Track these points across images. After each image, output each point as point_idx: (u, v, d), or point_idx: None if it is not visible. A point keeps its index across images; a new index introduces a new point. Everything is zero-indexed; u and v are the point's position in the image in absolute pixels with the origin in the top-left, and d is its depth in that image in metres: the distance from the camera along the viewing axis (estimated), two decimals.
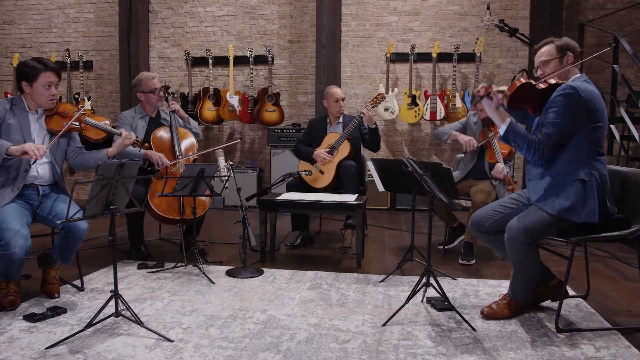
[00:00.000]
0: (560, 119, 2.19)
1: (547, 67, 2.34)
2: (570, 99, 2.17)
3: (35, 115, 2.62)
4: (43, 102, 2.58)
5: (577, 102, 2.17)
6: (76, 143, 2.80)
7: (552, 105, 2.23)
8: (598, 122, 2.23)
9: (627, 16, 5.47)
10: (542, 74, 2.36)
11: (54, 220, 2.48)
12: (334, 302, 2.59)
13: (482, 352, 2.02)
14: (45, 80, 2.53)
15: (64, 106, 2.70)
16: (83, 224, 2.45)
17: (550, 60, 2.33)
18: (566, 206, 2.21)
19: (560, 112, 2.19)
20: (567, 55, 2.30)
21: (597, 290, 2.80)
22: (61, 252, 2.53)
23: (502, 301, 2.44)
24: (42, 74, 2.52)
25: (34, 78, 2.52)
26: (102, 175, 2.03)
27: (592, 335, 2.20)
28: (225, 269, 3.18)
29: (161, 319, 2.34)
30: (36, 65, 2.53)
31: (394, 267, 3.26)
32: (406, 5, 5.90)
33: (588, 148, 2.23)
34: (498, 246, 2.53)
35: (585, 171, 2.23)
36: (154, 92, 3.48)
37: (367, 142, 3.91)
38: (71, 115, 2.66)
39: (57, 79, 2.59)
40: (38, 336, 2.12)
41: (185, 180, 2.98)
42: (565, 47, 2.31)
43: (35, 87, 2.54)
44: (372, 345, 2.07)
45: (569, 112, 2.18)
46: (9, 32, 6.68)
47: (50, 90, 2.56)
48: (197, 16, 6.28)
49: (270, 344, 2.07)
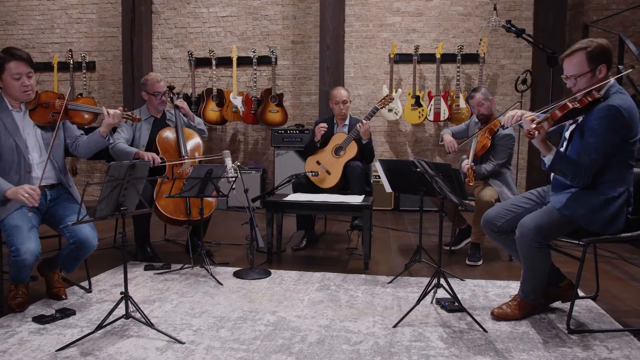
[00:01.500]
0: (604, 143, 2.10)
1: (578, 82, 2.19)
2: (613, 119, 2.07)
3: (20, 112, 2.47)
4: (17, 95, 2.40)
5: (620, 123, 2.08)
6: (73, 132, 2.66)
7: (595, 127, 2.11)
8: (635, 137, 2.17)
9: (630, 17, 5.47)
10: (573, 85, 2.22)
11: (64, 231, 2.42)
12: (344, 304, 2.58)
13: (495, 354, 2.01)
14: (13, 71, 2.34)
15: (45, 95, 2.51)
16: (94, 240, 2.41)
17: (582, 75, 2.16)
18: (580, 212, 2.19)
19: (603, 135, 2.09)
20: (600, 68, 2.14)
21: (606, 291, 2.80)
22: (67, 262, 2.51)
23: (513, 302, 2.43)
24: (7, 64, 2.34)
25: (0, 70, 2.35)
26: (113, 176, 2.02)
27: (604, 336, 2.19)
28: (232, 270, 3.18)
29: (171, 320, 2.33)
30: (1, 56, 2.35)
31: (400, 268, 3.25)
32: (410, 6, 5.89)
33: (621, 162, 2.17)
34: (510, 246, 2.52)
35: (618, 189, 2.18)
36: (156, 95, 3.46)
37: (361, 153, 3.84)
38: (53, 104, 2.49)
39: (27, 69, 2.38)
40: (48, 338, 2.11)
41: (192, 181, 2.97)
42: (598, 56, 2.13)
43: (4, 80, 2.36)
44: (384, 347, 2.06)
45: (612, 133, 2.09)
46: (12, 33, 6.67)
47: (22, 81, 2.37)
48: (200, 17, 6.27)
49: (282, 346, 2.06)
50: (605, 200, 2.18)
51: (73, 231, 2.37)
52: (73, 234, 2.37)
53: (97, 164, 6.63)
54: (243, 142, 6.37)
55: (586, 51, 2.14)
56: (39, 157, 2.50)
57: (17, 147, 2.43)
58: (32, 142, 2.49)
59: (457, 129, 3.83)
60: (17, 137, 2.44)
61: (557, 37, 5.25)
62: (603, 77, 2.17)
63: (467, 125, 3.79)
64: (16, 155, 2.43)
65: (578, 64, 2.16)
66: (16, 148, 2.43)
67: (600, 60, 2.14)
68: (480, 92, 3.50)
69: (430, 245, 3.91)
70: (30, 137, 2.50)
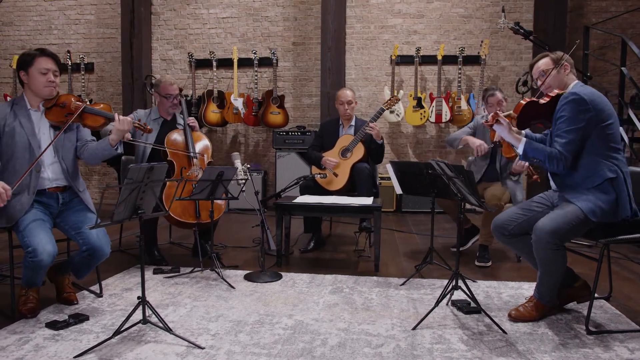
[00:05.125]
0: (572, 125, 2.26)
1: (545, 77, 2.43)
2: (576, 103, 2.26)
3: (38, 112, 2.49)
4: (39, 89, 2.43)
5: (583, 105, 2.25)
6: (85, 136, 2.65)
7: (561, 114, 2.31)
8: (608, 120, 2.29)
9: (629, 19, 5.53)
10: (541, 84, 2.46)
11: (77, 238, 2.39)
12: (359, 307, 2.56)
13: (517, 355, 2.01)
14: (42, 66, 2.40)
15: (65, 97, 2.52)
16: (107, 247, 2.39)
17: (548, 70, 2.42)
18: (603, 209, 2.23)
19: (570, 119, 2.27)
20: (564, 64, 2.40)
21: (617, 291, 2.81)
22: (78, 269, 2.47)
23: (529, 303, 2.43)
24: (37, 59, 2.40)
25: (29, 64, 2.40)
26: (132, 179, 1.99)
27: (623, 337, 2.20)
28: (242, 273, 3.15)
29: (187, 325, 2.30)
30: (32, 52, 2.43)
31: (410, 269, 3.25)
32: (411, 8, 5.91)
33: (604, 146, 2.29)
34: (521, 249, 2.53)
35: (610, 168, 2.27)
36: (168, 97, 3.44)
37: (371, 154, 3.88)
38: (69, 105, 2.49)
39: (55, 66, 2.45)
40: (64, 344, 2.07)
41: (203, 184, 2.94)
42: (560, 58, 2.42)
43: (31, 74, 2.41)
44: (406, 350, 2.05)
45: (578, 116, 2.25)
46: (8, 34, 6.58)
47: (47, 77, 2.42)
48: (200, 18, 6.24)
49: (304, 350, 2.04)
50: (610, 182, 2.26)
51: (86, 238, 2.34)
52: (86, 241, 2.34)
53: (95, 166, 6.56)
54: (244, 143, 6.34)
55: (549, 56, 2.47)
56: (52, 157, 2.48)
57: (30, 146, 2.42)
58: (45, 142, 2.47)
59: (465, 132, 3.80)
60: (32, 137, 2.44)
61: (558, 39, 5.28)
62: (567, 73, 2.42)
63: (474, 128, 3.78)
64: (28, 154, 2.41)
65: (545, 63, 2.47)
66: (29, 147, 2.41)
67: (562, 60, 2.41)
68: (499, 91, 3.52)
69: (439, 246, 3.91)
70: (44, 137, 2.48)
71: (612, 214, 2.25)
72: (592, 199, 2.24)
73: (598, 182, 2.26)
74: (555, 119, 2.34)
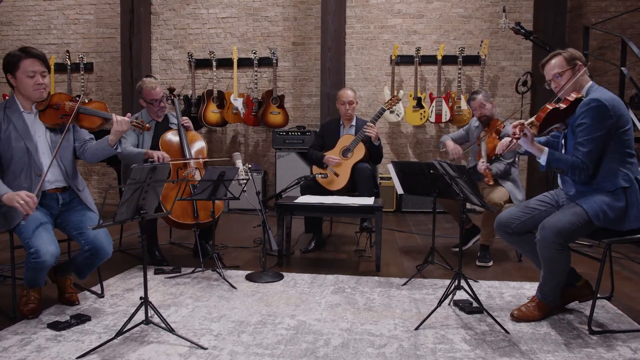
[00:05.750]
0: (594, 133, 2.21)
1: (561, 79, 2.35)
2: (598, 110, 2.20)
3: (31, 114, 2.43)
4: (29, 93, 2.36)
5: (605, 112, 2.19)
6: (82, 135, 2.60)
7: (582, 121, 2.24)
8: (626, 125, 2.25)
9: (629, 19, 5.54)
10: (556, 86, 2.38)
11: (79, 238, 2.37)
12: (362, 307, 2.56)
13: (520, 355, 2.01)
14: (28, 69, 2.31)
15: (57, 97, 2.45)
16: (109, 247, 2.37)
17: (564, 71, 2.34)
18: (608, 215, 2.22)
19: (592, 126, 2.21)
20: (578, 65, 2.32)
21: (618, 291, 2.81)
22: (81, 269, 2.46)
23: (531, 303, 2.43)
24: (22, 62, 2.31)
25: (15, 67, 2.32)
26: (134, 179, 1.99)
27: (625, 337, 2.20)
28: (243, 273, 3.14)
29: (189, 325, 2.29)
30: (16, 53, 2.33)
31: (411, 269, 3.25)
32: (410, 8, 5.91)
33: (620, 152, 2.25)
34: (523, 247, 2.53)
35: (624, 177, 2.24)
36: (154, 103, 3.39)
37: (370, 155, 3.85)
38: (63, 106, 2.43)
39: (42, 67, 2.36)
40: (66, 345, 2.06)
41: (205, 184, 2.93)
42: (573, 57, 2.34)
43: (18, 77, 2.33)
44: (409, 350, 2.05)
45: (600, 124, 2.20)
46: (7, 34, 6.56)
47: (35, 79, 2.33)
48: (200, 18, 6.23)
49: (307, 350, 2.04)
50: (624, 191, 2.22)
51: (88, 238, 2.33)
52: (88, 241, 2.33)
53: (94, 167, 6.54)
54: (243, 143, 6.33)
55: (562, 55, 2.36)
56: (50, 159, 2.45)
57: (27, 150, 2.38)
58: (42, 145, 2.43)
59: (457, 134, 3.85)
60: (28, 140, 2.39)
61: (557, 39, 5.29)
62: (582, 74, 2.32)
63: (467, 130, 3.80)
64: (27, 158, 2.38)
65: (558, 64, 2.36)
66: (27, 151, 2.38)
67: (575, 59, 2.33)
68: (481, 94, 3.54)
69: (439, 246, 3.91)
70: (41, 139, 2.44)
71: (617, 222, 2.23)
72: (600, 203, 2.23)
73: (611, 189, 2.24)
74: (575, 125, 2.27)
